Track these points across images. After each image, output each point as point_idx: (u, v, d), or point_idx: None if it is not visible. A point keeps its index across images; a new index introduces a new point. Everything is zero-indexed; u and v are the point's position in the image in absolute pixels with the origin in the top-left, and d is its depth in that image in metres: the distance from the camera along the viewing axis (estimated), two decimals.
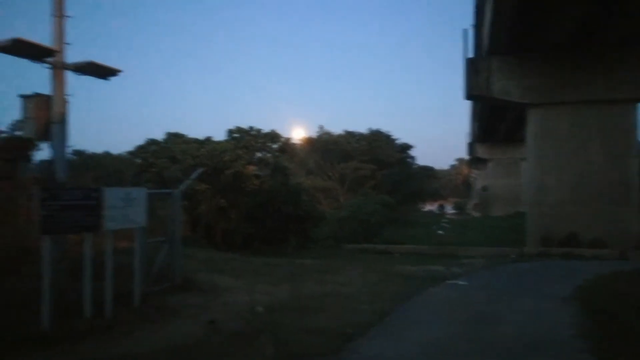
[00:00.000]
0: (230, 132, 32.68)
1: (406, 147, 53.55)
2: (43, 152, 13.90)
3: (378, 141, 51.08)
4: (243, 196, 27.20)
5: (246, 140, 31.58)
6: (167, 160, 28.47)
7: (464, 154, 75.98)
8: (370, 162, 48.00)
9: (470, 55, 24.42)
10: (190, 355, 5.76)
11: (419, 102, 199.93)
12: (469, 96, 23.91)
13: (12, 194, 9.68)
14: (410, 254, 21.51)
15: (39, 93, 7.81)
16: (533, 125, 22.60)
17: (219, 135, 33.03)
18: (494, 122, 40.63)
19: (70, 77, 8.13)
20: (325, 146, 49.88)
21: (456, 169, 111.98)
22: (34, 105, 7.81)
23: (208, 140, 30.63)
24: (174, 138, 31.07)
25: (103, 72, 8.46)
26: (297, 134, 52.95)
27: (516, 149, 47.92)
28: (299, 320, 7.53)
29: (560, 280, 12.27)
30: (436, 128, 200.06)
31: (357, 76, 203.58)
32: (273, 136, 33.57)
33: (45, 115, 7.77)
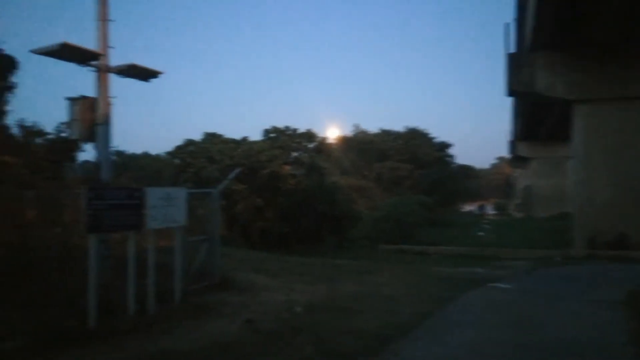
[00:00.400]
0: (267, 132, 33.03)
1: (445, 145, 52.69)
2: (86, 153, 14.43)
3: (415, 140, 50.48)
4: (279, 196, 27.39)
5: (282, 140, 31.81)
6: (204, 160, 29.01)
7: (505, 152, 74.02)
8: (407, 161, 47.49)
9: (512, 50, 23.74)
10: (230, 353, 5.78)
11: (459, 99, 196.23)
12: (511, 92, 23.24)
13: (58, 193, 10.01)
14: (449, 255, 21.11)
15: (84, 95, 8.03)
16: (579, 122, 21.73)
17: (256, 135, 33.40)
18: (536, 120, 39.36)
19: (113, 79, 8.36)
20: (361, 145, 49.68)
21: (497, 168, 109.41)
22: (80, 108, 8.03)
23: (244, 140, 31.04)
24: (212, 138, 31.63)
25: (144, 74, 8.64)
26: (333, 133, 52.95)
27: (560, 147, 46.26)
28: (336, 320, 7.46)
29: (609, 283, 11.73)
30: (476, 126, 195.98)
31: (394, 73, 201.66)
32: (309, 136, 33.69)
33: (91, 117, 7.99)
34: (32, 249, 8.19)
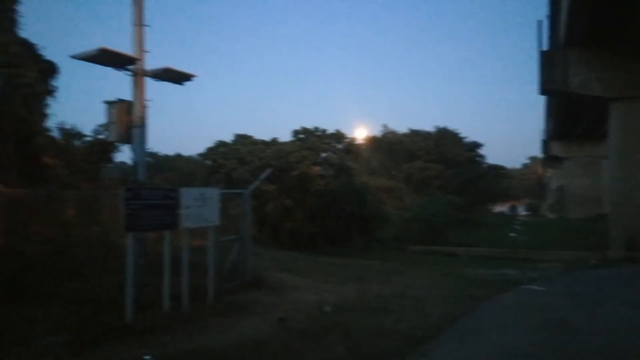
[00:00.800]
0: (296, 132, 33.24)
1: (475, 145, 51.90)
2: (122, 155, 14.92)
3: (445, 140, 49.87)
4: (308, 196, 27.54)
5: (311, 141, 31.96)
6: (235, 162, 29.44)
7: (537, 152, 72.28)
8: (437, 161, 46.99)
9: (545, 47, 23.20)
10: (262, 351, 5.89)
11: (490, 98, 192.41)
12: (544, 91, 22.70)
13: (97, 193, 10.39)
14: (480, 257, 20.81)
15: (121, 99, 8.30)
16: (616, 121, 21.07)
17: (285, 136, 33.67)
18: (571, 118, 38.32)
19: (148, 82, 8.59)
20: (390, 145, 49.40)
21: (529, 168, 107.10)
22: (117, 111, 8.29)
23: (274, 141, 31.34)
24: (242, 140, 32.06)
25: (178, 77, 8.86)
26: (361, 133, 52.79)
27: (596, 146, 44.91)
28: (366, 321, 7.50)
29: None
30: (508, 125, 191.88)
31: (424, 72, 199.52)
32: (338, 136, 33.75)
33: (127, 119, 8.24)
34: (73, 247, 8.53)
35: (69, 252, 8.78)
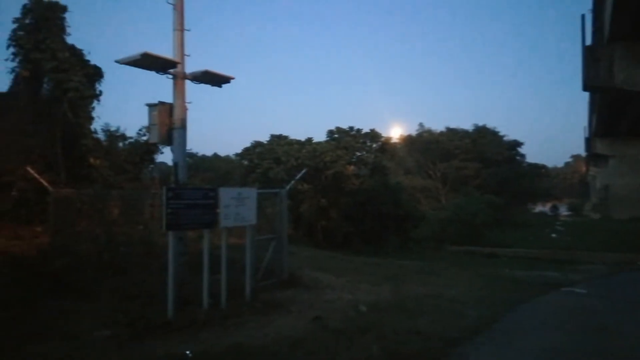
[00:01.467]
0: (331, 132, 33.26)
1: (515, 144, 50.60)
2: (162, 156, 15.40)
3: (483, 138, 48.82)
4: (343, 196, 27.56)
5: (346, 140, 31.94)
6: (271, 161, 29.75)
7: (580, 150, 69.79)
8: (475, 160, 46.06)
9: (589, 42, 22.39)
10: (299, 349, 5.98)
11: (531, 96, 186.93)
12: (587, 87, 21.91)
13: (139, 193, 10.75)
14: (519, 257, 20.35)
15: (162, 102, 8.57)
16: None
17: (320, 135, 33.76)
18: (616, 115, 36.81)
19: (187, 85, 8.82)
20: (426, 145, 48.75)
21: (572, 167, 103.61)
22: (158, 113, 8.57)
23: (309, 141, 31.47)
24: (277, 140, 32.36)
25: (217, 80, 9.07)
26: (396, 132, 52.32)
27: None
28: (402, 321, 7.48)
29: None
30: (549, 123, 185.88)
31: (460, 70, 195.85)
32: (373, 136, 33.58)
33: (168, 121, 8.51)
34: (118, 245, 8.88)
35: (114, 250, 9.13)
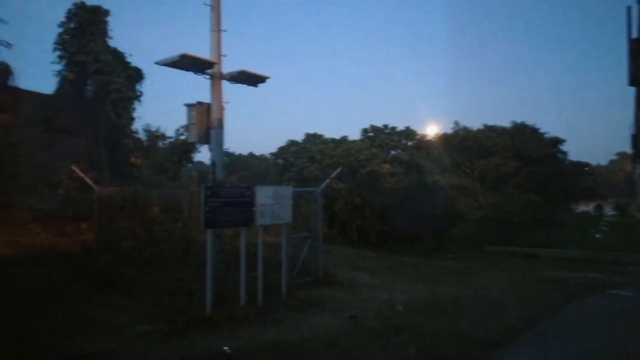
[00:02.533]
0: (365, 131, 33.13)
1: (556, 141, 49.00)
2: (200, 155, 15.76)
3: (523, 135, 47.49)
4: (378, 194, 27.40)
5: (381, 138, 31.76)
6: (306, 160, 29.91)
7: (626, 147, 66.81)
8: (514, 158, 44.85)
9: (635, 35, 21.44)
10: (335, 347, 5.98)
11: (574, 91, 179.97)
12: (634, 81, 20.98)
13: (179, 191, 11.00)
14: (561, 258, 19.72)
15: (200, 102, 8.73)
16: None
17: (355, 134, 33.66)
18: None
19: (224, 85, 8.95)
20: (463, 142, 47.82)
21: (617, 165, 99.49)
22: (197, 113, 8.73)
23: (344, 139, 31.46)
24: (312, 139, 32.49)
25: (253, 79, 9.16)
26: (432, 130, 51.53)
27: None
28: (439, 321, 7.37)
29: None
30: (593, 120, 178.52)
31: (496, 66, 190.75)
32: (408, 134, 33.27)
33: (206, 121, 8.66)
34: (158, 242, 9.12)
35: (154, 246, 9.38)
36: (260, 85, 9.47)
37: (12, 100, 12.91)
